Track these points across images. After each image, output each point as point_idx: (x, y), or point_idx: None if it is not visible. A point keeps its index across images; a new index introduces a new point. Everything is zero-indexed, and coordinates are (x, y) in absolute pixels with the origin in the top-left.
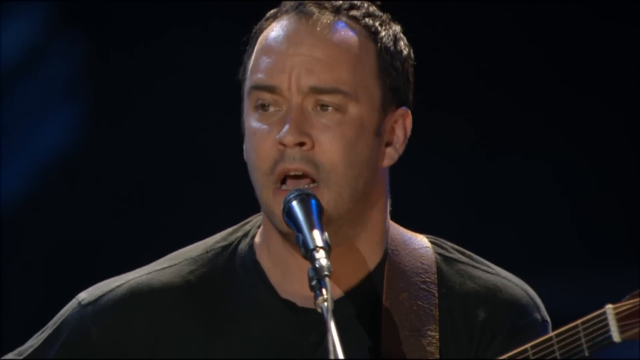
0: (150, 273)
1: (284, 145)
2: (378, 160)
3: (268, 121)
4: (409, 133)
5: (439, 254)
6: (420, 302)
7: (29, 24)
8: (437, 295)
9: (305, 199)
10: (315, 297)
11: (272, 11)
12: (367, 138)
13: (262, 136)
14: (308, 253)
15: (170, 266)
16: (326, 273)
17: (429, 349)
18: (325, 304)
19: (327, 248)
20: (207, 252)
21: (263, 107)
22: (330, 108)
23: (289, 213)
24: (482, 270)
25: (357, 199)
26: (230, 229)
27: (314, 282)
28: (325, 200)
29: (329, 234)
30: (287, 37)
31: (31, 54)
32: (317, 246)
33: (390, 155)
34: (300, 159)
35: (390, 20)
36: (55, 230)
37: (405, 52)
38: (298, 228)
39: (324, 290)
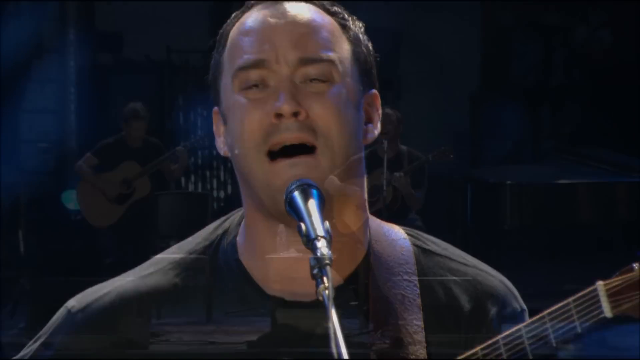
0: (135, 279)
1: (280, 115)
2: (361, 135)
3: (256, 96)
4: (381, 115)
5: (417, 246)
6: (403, 292)
7: (30, 25)
8: (418, 286)
9: (306, 189)
10: (317, 286)
11: (237, 12)
12: (352, 109)
13: (251, 108)
14: (310, 242)
15: (155, 271)
16: (327, 262)
17: (415, 338)
18: (327, 292)
19: (329, 237)
20: (189, 254)
21: (249, 87)
22: (317, 80)
23: (291, 203)
24: (459, 262)
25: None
26: (210, 227)
27: (315, 271)
28: (322, 167)
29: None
30: (265, 18)
31: (32, 53)
32: (318, 235)
33: (372, 132)
34: (298, 128)
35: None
36: (54, 228)
37: (370, 45)
38: (300, 217)
39: (325, 279)
